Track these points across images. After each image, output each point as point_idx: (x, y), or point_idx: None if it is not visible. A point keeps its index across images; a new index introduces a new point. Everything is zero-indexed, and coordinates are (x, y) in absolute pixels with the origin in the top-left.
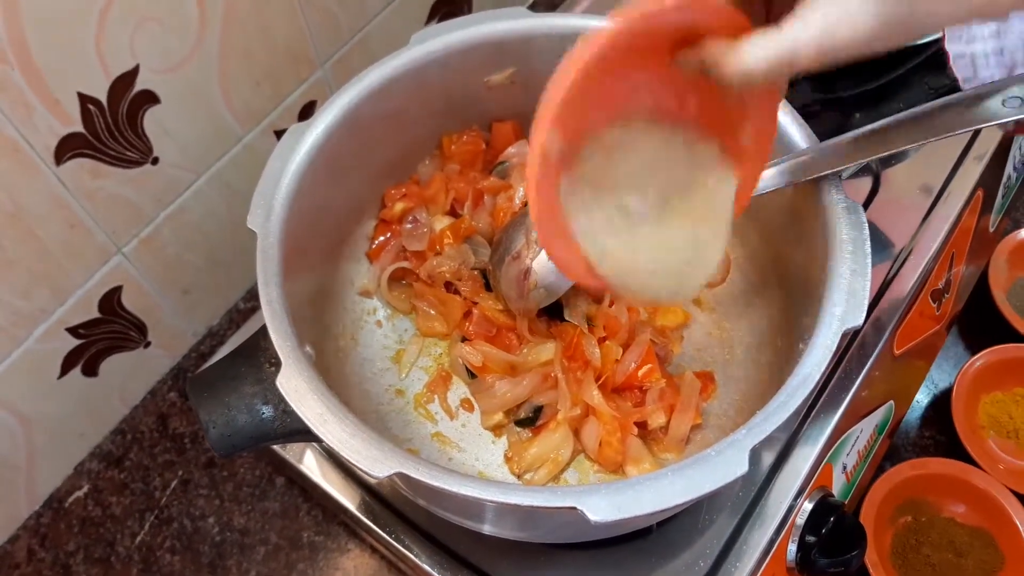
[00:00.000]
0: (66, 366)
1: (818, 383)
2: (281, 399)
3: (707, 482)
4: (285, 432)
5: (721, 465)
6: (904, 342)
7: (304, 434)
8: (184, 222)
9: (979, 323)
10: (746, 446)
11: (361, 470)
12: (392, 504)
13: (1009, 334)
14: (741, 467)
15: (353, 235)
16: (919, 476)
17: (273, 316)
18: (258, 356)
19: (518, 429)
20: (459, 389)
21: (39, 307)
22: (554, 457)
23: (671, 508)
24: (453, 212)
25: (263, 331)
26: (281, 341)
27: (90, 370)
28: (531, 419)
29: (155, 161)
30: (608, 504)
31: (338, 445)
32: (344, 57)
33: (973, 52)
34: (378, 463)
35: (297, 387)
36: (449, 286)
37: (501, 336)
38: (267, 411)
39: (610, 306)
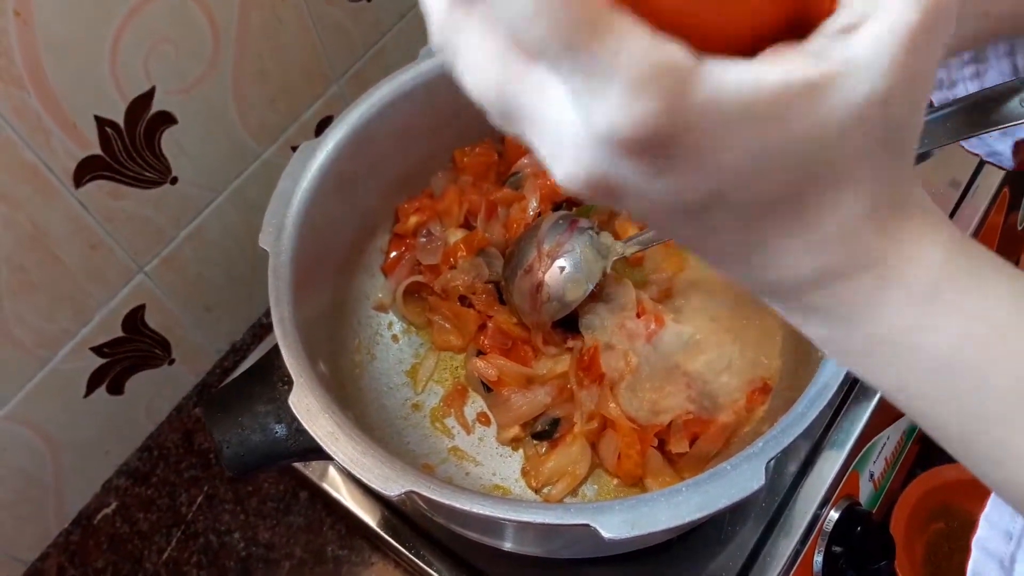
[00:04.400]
0: (91, 385)
1: (836, 393)
2: (294, 418)
3: (723, 497)
4: (299, 451)
5: (737, 479)
6: None
7: (317, 452)
8: (205, 240)
9: None
10: (763, 459)
11: (373, 488)
12: (413, 520)
13: None
14: (758, 481)
15: (367, 250)
16: (951, 481)
17: (285, 335)
18: (271, 375)
19: (535, 442)
20: (476, 403)
21: (63, 328)
22: (571, 471)
23: (686, 524)
24: (467, 224)
25: (276, 350)
26: (293, 360)
27: (115, 388)
28: (548, 432)
29: (174, 181)
30: (622, 521)
31: (349, 464)
32: (360, 71)
33: (955, 96)
34: (390, 482)
35: (309, 406)
36: (463, 300)
37: (516, 349)
38: (280, 430)
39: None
